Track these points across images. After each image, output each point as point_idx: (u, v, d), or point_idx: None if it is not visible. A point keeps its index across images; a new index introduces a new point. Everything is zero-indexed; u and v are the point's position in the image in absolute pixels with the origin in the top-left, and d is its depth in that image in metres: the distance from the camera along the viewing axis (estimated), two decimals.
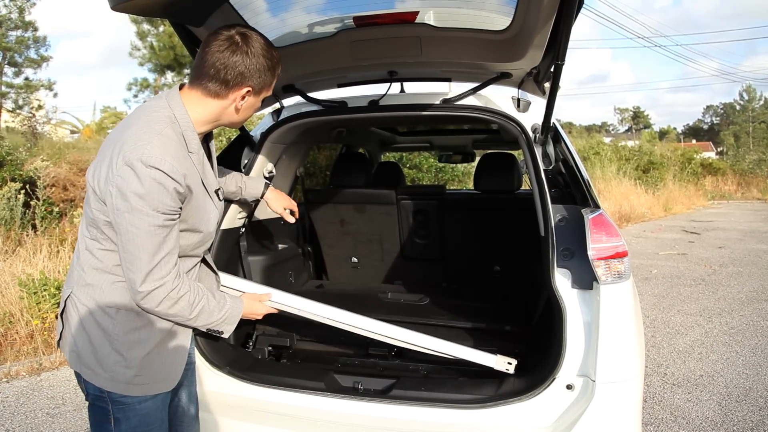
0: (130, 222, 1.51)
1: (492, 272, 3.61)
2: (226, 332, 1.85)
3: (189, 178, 1.60)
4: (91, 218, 1.63)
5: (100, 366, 1.66)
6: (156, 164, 1.50)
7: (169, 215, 1.56)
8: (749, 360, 4.40)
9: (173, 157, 1.55)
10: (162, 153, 1.52)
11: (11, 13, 20.67)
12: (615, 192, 15.84)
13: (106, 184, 1.53)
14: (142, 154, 1.49)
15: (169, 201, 1.54)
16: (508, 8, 2.05)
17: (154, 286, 1.57)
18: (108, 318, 1.65)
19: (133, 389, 1.67)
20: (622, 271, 2.01)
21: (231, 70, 1.59)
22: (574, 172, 2.34)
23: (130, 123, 1.61)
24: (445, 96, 2.61)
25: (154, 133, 1.54)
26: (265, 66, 1.64)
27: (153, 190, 1.50)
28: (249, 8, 2.12)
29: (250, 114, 1.78)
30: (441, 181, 11.20)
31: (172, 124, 1.60)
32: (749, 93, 56.51)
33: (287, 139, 2.97)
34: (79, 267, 1.69)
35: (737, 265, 8.41)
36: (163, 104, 1.63)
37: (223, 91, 1.62)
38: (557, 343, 2.04)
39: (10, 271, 5.51)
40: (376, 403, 2.12)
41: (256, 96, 1.69)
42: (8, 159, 7.61)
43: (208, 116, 1.67)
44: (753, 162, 27.06)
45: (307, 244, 3.79)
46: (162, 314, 1.65)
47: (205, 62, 1.60)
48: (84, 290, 1.67)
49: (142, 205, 1.50)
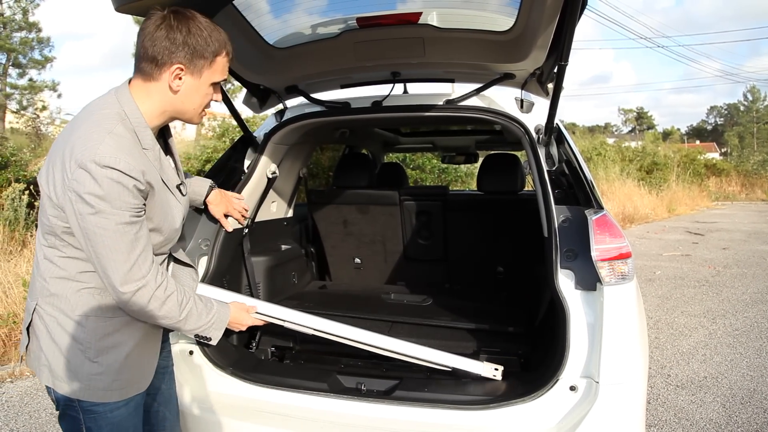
0: (96, 224, 1.45)
1: (495, 273, 3.60)
2: (214, 339, 1.78)
3: (148, 175, 1.52)
4: (48, 225, 1.55)
5: (74, 377, 1.59)
6: (111, 164, 1.42)
7: (134, 212, 1.49)
8: (753, 362, 4.39)
9: (128, 154, 1.47)
10: (116, 151, 1.44)
11: (15, 14, 20.75)
12: (618, 193, 15.81)
13: (64, 190, 1.46)
14: (95, 155, 1.42)
15: (131, 199, 1.47)
16: (512, 9, 2.06)
17: (137, 286, 1.51)
18: (78, 327, 1.58)
19: (111, 395, 1.62)
20: (626, 272, 2.00)
21: (157, 45, 1.49)
22: (577, 173, 2.34)
23: (78, 123, 1.52)
24: (448, 97, 2.61)
25: (104, 131, 1.46)
26: (194, 41, 1.52)
27: (112, 190, 1.43)
28: (252, 9, 2.12)
29: (199, 102, 1.62)
30: (444, 182, 11.20)
31: (123, 120, 1.51)
32: (753, 94, 56.32)
33: (290, 140, 2.97)
34: (41, 278, 1.60)
35: (741, 266, 8.39)
36: (111, 101, 1.54)
37: (155, 70, 1.52)
38: (560, 345, 2.04)
39: (14, 272, 5.52)
40: (379, 404, 2.12)
41: (194, 76, 1.55)
42: (12, 160, 7.64)
43: (155, 106, 1.57)
44: (757, 163, 27.00)
45: (310, 244, 3.79)
46: (151, 316, 1.59)
47: (138, 45, 1.53)
48: (49, 301, 1.59)
49: (104, 206, 1.43)
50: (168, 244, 1.73)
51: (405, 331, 2.71)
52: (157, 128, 1.64)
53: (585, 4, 1.81)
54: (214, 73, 1.59)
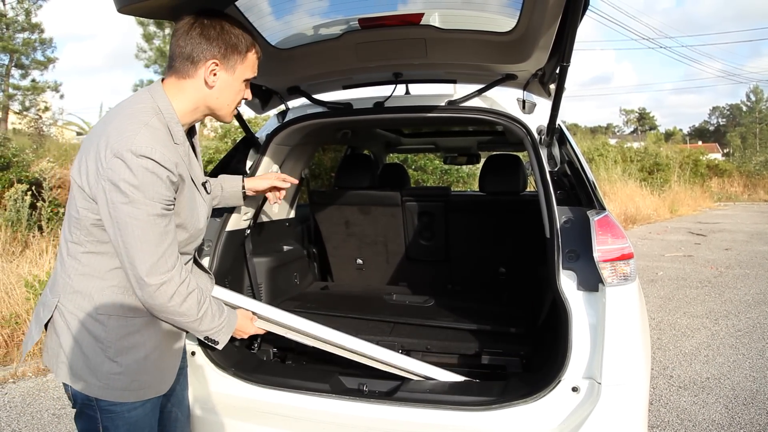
0: (128, 214, 1.47)
1: (497, 274, 3.60)
2: (221, 343, 1.79)
3: (179, 168, 1.57)
4: (76, 219, 1.57)
5: (93, 375, 1.60)
6: (147, 153, 1.46)
7: (165, 204, 1.52)
8: (756, 363, 4.38)
9: (162, 146, 1.51)
10: (151, 142, 1.49)
11: (18, 15, 20.80)
12: (620, 193, 15.80)
13: (97, 179, 1.49)
14: (131, 145, 1.46)
15: (163, 190, 1.50)
16: (514, 10, 2.05)
17: (162, 279, 1.53)
18: (99, 325, 1.59)
19: (128, 395, 1.64)
20: (628, 273, 2.00)
21: (192, 43, 1.58)
22: (579, 174, 2.34)
23: (112, 117, 1.57)
24: (450, 97, 2.61)
25: (140, 123, 1.51)
26: (228, 38, 1.61)
27: (146, 180, 1.46)
28: (254, 11, 2.12)
29: (233, 98, 1.70)
30: (446, 183, 11.20)
31: (157, 114, 1.56)
32: (756, 94, 56.25)
33: (292, 141, 2.97)
34: (65, 274, 1.62)
35: (744, 267, 8.37)
36: (145, 97, 1.60)
37: (191, 68, 1.59)
38: (563, 346, 2.03)
39: (16, 272, 5.54)
40: (382, 405, 2.12)
41: (228, 71, 1.63)
42: (15, 160, 7.65)
43: (189, 103, 1.63)
44: (760, 163, 26.96)
45: (312, 245, 3.79)
46: (171, 312, 1.59)
47: (172, 46, 1.61)
48: (71, 298, 1.61)
49: (137, 196, 1.46)
50: (192, 243, 1.75)
51: (407, 332, 2.71)
52: (188, 125, 1.70)
53: (587, 5, 1.81)
54: (246, 69, 1.68)
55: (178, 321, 1.64)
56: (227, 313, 1.81)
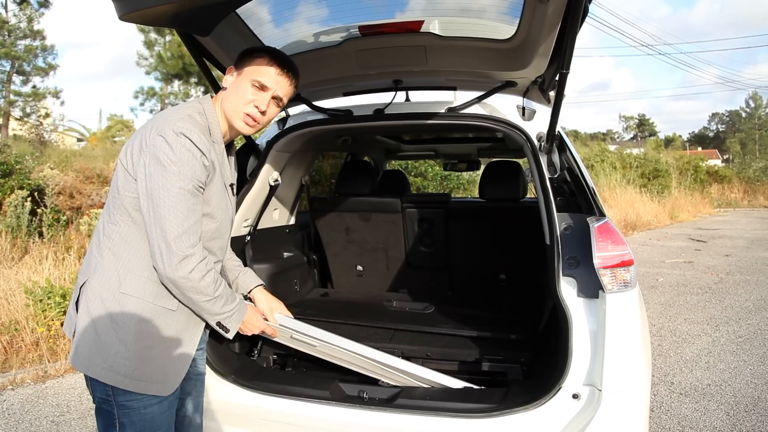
0: (161, 185, 1.60)
1: (497, 281, 3.60)
2: (232, 331, 1.86)
3: (212, 157, 1.72)
4: (116, 198, 1.70)
5: (99, 355, 1.65)
6: (186, 133, 1.63)
7: (196, 183, 1.65)
8: (757, 369, 4.37)
9: (201, 133, 1.68)
10: (192, 126, 1.66)
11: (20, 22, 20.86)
12: (620, 200, 15.80)
13: (140, 155, 1.64)
14: (174, 125, 1.63)
15: (197, 169, 1.65)
16: (513, 17, 2.06)
17: (186, 252, 1.62)
18: (118, 305, 1.66)
19: (129, 383, 1.66)
20: (628, 279, 2.00)
21: None
22: (579, 181, 2.34)
23: (161, 113, 1.76)
24: (450, 104, 2.62)
25: (185, 114, 1.70)
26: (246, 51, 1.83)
27: (183, 156, 1.62)
28: (255, 18, 2.13)
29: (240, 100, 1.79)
30: (446, 189, 11.20)
31: (201, 114, 1.75)
32: (756, 100, 56.34)
33: (293, 148, 2.98)
34: (98, 253, 1.71)
35: (744, 273, 8.36)
36: (194, 101, 1.80)
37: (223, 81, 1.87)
38: (563, 352, 2.03)
39: (16, 279, 5.53)
40: (381, 412, 2.11)
41: (237, 72, 1.82)
42: (17, 167, 7.66)
43: (220, 109, 1.82)
44: (759, 169, 26.96)
45: (312, 252, 3.79)
46: (189, 288, 1.66)
47: None
48: (99, 276, 1.68)
49: (173, 169, 1.60)
50: (217, 239, 1.86)
51: (407, 339, 2.70)
52: (226, 135, 1.87)
53: (586, 12, 1.81)
54: (253, 70, 1.78)
55: (194, 299, 1.70)
56: (239, 302, 1.89)
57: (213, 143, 1.75)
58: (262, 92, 1.78)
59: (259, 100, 1.78)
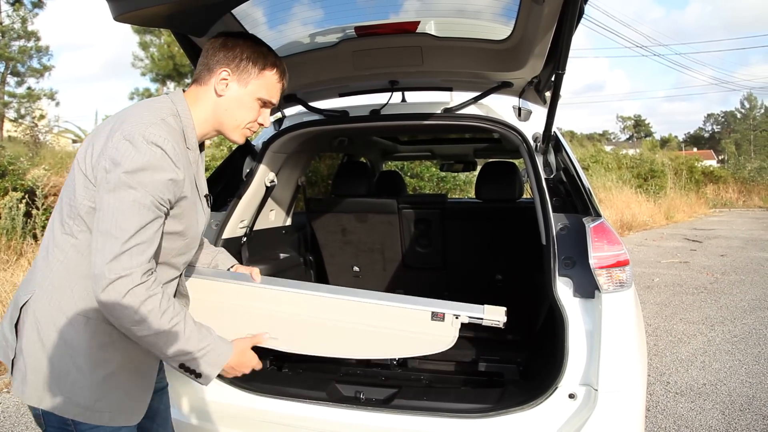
0: (114, 196, 1.35)
1: (494, 281, 3.60)
2: (206, 375, 1.50)
3: (186, 172, 1.49)
4: (71, 206, 1.46)
5: (55, 385, 1.43)
6: (159, 143, 1.39)
7: (158, 201, 1.39)
8: (752, 368, 4.39)
9: (175, 142, 1.45)
10: (166, 134, 1.42)
11: (14, 23, 20.80)
12: (616, 200, 15.83)
13: (100, 157, 1.40)
14: (144, 131, 1.39)
15: (161, 185, 1.39)
16: (509, 18, 2.07)
17: (119, 274, 1.33)
18: (73, 329, 1.44)
19: (92, 416, 1.45)
20: (624, 279, 2.00)
21: (212, 54, 1.59)
22: (575, 181, 2.35)
23: (129, 109, 1.53)
24: (446, 105, 2.62)
25: (158, 117, 1.46)
26: (246, 52, 1.59)
27: (149, 168, 1.37)
28: (250, 19, 2.13)
29: (243, 115, 1.62)
30: (442, 190, 11.21)
31: (174, 116, 1.52)
32: (750, 101, 56.58)
33: (289, 149, 2.98)
34: (47, 268, 1.47)
35: (739, 273, 8.40)
36: (166, 99, 1.57)
37: (206, 76, 1.58)
38: (559, 352, 2.04)
39: (11, 281, 5.51)
40: (378, 413, 2.11)
41: (240, 83, 1.58)
42: (10, 169, 7.63)
43: (202, 113, 1.59)
44: (754, 170, 27.06)
45: (308, 253, 3.79)
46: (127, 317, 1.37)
47: (199, 60, 1.63)
48: (49, 294, 1.45)
49: (132, 181, 1.35)
50: (186, 253, 1.64)
51: None
52: (201, 137, 1.63)
53: (582, 13, 1.82)
54: (261, 87, 1.62)
55: (135, 332, 1.40)
56: (214, 341, 1.52)
57: (188, 150, 1.54)
58: (266, 108, 1.68)
59: (263, 116, 1.68)
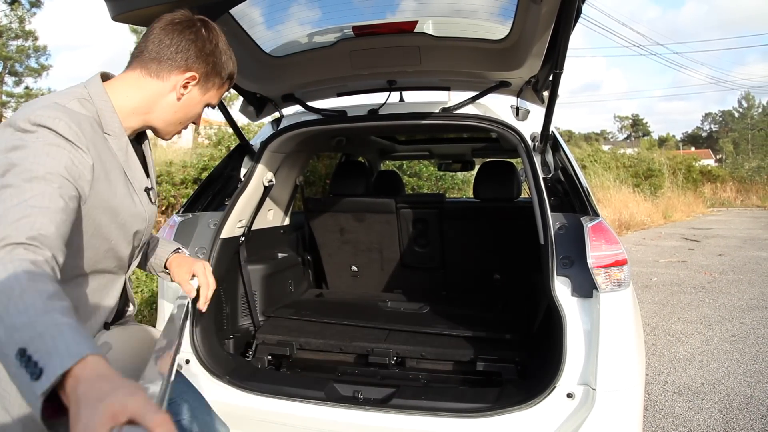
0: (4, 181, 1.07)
1: (492, 280, 3.61)
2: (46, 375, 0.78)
3: (102, 156, 1.26)
4: None
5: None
6: (47, 124, 1.15)
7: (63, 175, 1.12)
8: (750, 368, 4.39)
9: (76, 125, 1.20)
10: (58, 114, 1.18)
11: (12, 22, 20.77)
12: (614, 200, 15.84)
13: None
14: (30, 115, 1.15)
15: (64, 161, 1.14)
16: (507, 18, 2.07)
17: None
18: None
19: None
20: (622, 279, 2.01)
21: (180, 46, 1.35)
22: (573, 180, 2.35)
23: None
24: (444, 105, 2.62)
25: (51, 101, 1.22)
26: (219, 59, 1.41)
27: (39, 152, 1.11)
28: (249, 18, 2.13)
29: (187, 118, 1.46)
30: (441, 190, 11.21)
31: (82, 101, 1.28)
32: (748, 100, 56.65)
33: (287, 149, 2.98)
34: None
35: (737, 272, 8.41)
36: (77, 86, 1.34)
37: (164, 70, 1.36)
38: (557, 352, 2.04)
39: None
40: (376, 413, 2.12)
41: (201, 91, 1.42)
42: None
43: (139, 103, 1.37)
44: (752, 169, 27.11)
45: (306, 252, 3.79)
46: None
47: (149, 37, 1.37)
48: None
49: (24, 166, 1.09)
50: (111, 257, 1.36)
51: (402, 339, 2.70)
52: (133, 130, 1.41)
53: (579, 12, 1.82)
54: (216, 96, 1.48)
55: None
56: (70, 337, 0.83)
57: (106, 136, 1.30)
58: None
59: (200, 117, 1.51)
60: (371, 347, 2.62)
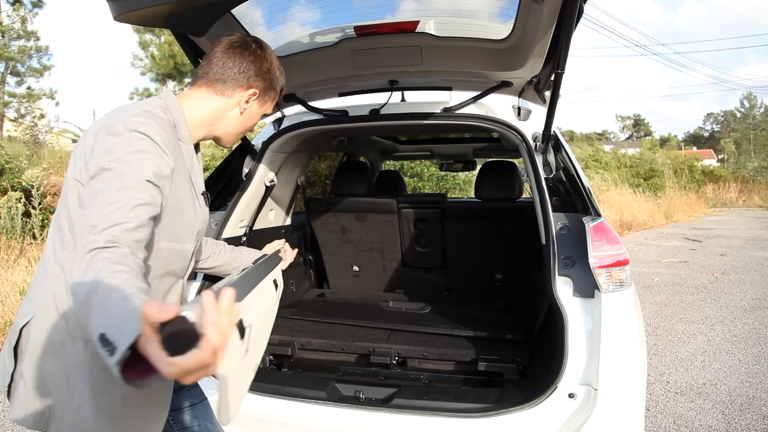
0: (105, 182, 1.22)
1: (493, 280, 3.61)
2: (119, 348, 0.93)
3: (177, 162, 1.40)
4: (68, 218, 1.35)
5: (60, 410, 1.32)
6: (142, 129, 1.30)
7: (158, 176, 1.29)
8: (752, 368, 4.38)
9: (163, 131, 1.35)
10: (149, 122, 1.33)
11: (14, 22, 20.79)
12: (616, 200, 15.83)
13: (90, 157, 1.30)
14: (126, 122, 1.30)
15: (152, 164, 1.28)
16: (509, 17, 2.07)
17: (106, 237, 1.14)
18: (74, 350, 1.32)
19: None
20: (624, 279, 2.01)
21: (240, 67, 1.52)
22: (574, 181, 2.35)
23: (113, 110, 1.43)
24: (445, 105, 2.62)
25: (140, 109, 1.37)
26: (274, 75, 1.58)
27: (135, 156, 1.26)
28: (250, 18, 2.13)
29: (246, 128, 1.64)
30: (442, 190, 11.21)
31: (163, 109, 1.43)
32: (750, 100, 56.50)
33: (288, 148, 2.98)
34: (46, 285, 1.36)
35: (739, 272, 8.39)
36: (153, 98, 1.49)
37: (229, 89, 1.52)
38: (559, 352, 2.04)
39: (11, 281, 5.51)
40: (378, 413, 2.11)
41: (260, 103, 1.59)
42: (8, 167, 7.62)
43: (207, 116, 1.53)
44: (754, 169, 27.07)
45: (308, 252, 3.79)
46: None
47: (213, 59, 1.53)
48: (47, 314, 1.34)
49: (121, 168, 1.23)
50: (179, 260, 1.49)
51: (403, 339, 2.70)
52: (195, 139, 1.56)
53: (581, 12, 1.82)
54: (270, 107, 1.66)
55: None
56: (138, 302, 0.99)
57: (180, 142, 1.46)
58: None
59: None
60: (373, 347, 2.62)
